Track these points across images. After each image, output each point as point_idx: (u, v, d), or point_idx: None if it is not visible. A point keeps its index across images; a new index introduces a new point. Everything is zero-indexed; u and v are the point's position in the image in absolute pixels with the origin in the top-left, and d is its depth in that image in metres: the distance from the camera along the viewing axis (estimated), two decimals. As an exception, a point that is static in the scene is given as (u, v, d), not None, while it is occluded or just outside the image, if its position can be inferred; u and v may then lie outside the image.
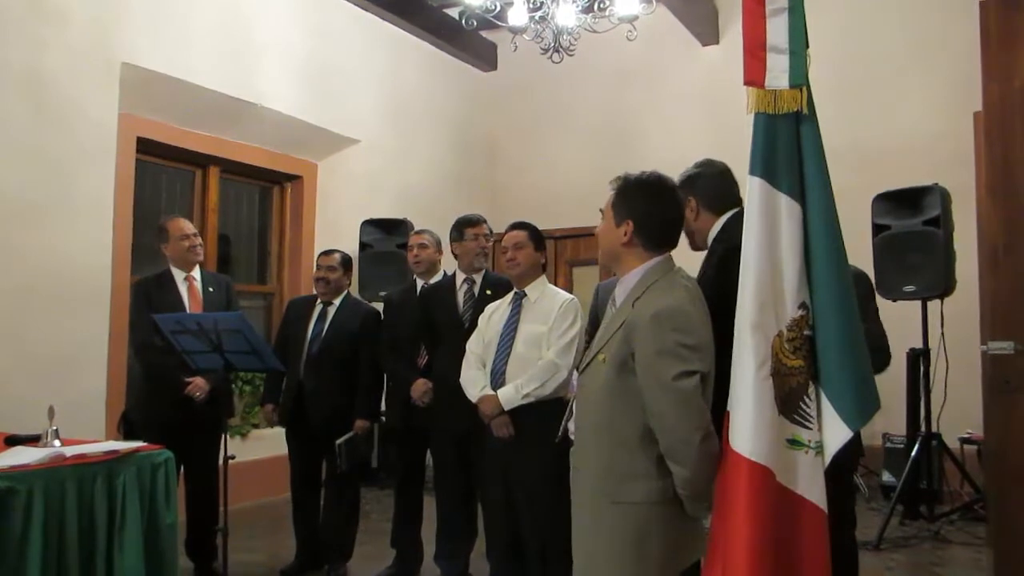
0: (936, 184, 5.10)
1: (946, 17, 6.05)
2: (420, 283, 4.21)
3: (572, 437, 2.35)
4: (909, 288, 5.06)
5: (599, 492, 2.08)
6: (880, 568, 4.32)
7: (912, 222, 5.14)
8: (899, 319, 4.37)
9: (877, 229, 5.19)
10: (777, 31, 1.86)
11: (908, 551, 4.63)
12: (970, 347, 5.12)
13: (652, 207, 2.14)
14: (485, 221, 3.99)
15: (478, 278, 3.89)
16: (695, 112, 7.19)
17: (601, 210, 2.25)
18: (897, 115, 6.34)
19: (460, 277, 3.92)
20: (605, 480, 2.07)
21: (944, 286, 5.00)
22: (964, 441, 5.49)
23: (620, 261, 2.18)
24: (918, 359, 5.22)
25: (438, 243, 4.26)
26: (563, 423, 2.46)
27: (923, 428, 5.12)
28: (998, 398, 3.10)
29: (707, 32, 7.10)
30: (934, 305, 5.17)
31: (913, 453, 5.02)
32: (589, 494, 2.13)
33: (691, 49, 7.21)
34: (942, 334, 5.16)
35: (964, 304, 5.11)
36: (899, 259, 5.09)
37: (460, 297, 3.87)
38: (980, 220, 4.90)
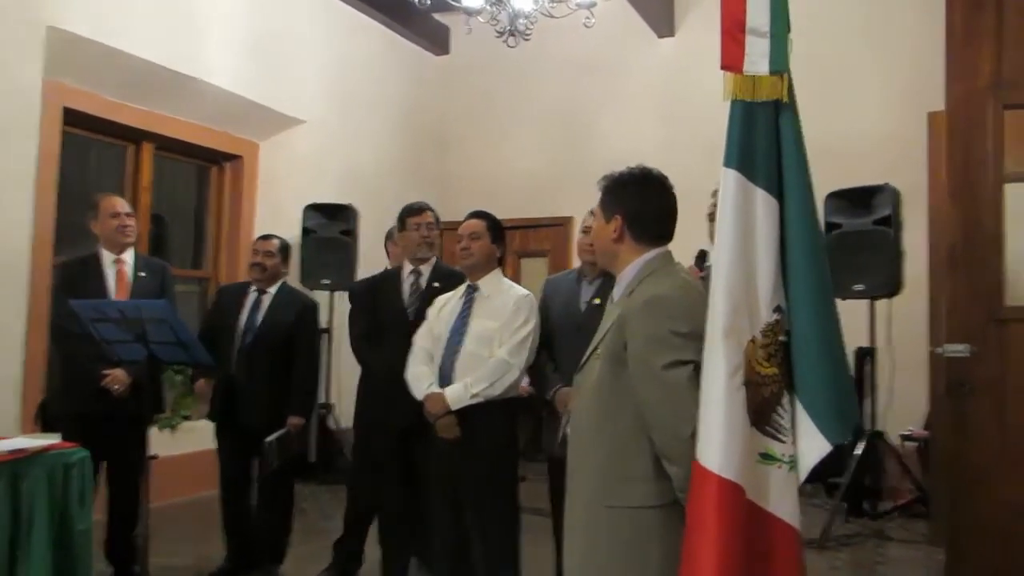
0: (887, 184, 5.12)
1: (900, 17, 6.06)
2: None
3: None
4: (858, 287, 5.08)
5: (593, 495, 2.01)
6: (825, 568, 4.30)
7: (863, 221, 5.16)
8: (846, 317, 4.33)
9: (829, 227, 5.18)
10: (758, 12, 1.73)
11: (852, 549, 4.64)
12: (914, 346, 5.17)
13: (640, 199, 2.12)
14: (430, 208, 3.77)
15: (425, 269, 3.70)
16: (649, 105, 7.10)
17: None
18: (850, 114, 6.30)
19: (406, 268, 3.73)
20: (600, 482, 2.00)
21: (893, 286, 5.03)
22: (905, 438, 5.54)
23: (616, 258, 2.15)
24: (864, 358, 5.23)
25: None
26: (562, 428, 2.32)
27: (869, 426, 5.12)
28: (953, 401, 3.06)
29: (663, 24, 7.02)
30: (880, 304, 5.19)
31: (859, 451, 5.01)
32: (584, 497, 2.05)
33: (647, 41, 7.11)
34: (889, 333, 5.18)
35: (910, 303, 5.14)
36: (849, 258, 5.09)
37: (405, 289, 3.68)
38: (931, 221, 4.93)
